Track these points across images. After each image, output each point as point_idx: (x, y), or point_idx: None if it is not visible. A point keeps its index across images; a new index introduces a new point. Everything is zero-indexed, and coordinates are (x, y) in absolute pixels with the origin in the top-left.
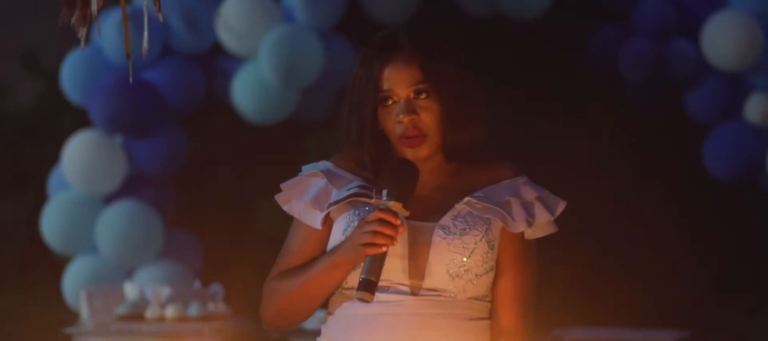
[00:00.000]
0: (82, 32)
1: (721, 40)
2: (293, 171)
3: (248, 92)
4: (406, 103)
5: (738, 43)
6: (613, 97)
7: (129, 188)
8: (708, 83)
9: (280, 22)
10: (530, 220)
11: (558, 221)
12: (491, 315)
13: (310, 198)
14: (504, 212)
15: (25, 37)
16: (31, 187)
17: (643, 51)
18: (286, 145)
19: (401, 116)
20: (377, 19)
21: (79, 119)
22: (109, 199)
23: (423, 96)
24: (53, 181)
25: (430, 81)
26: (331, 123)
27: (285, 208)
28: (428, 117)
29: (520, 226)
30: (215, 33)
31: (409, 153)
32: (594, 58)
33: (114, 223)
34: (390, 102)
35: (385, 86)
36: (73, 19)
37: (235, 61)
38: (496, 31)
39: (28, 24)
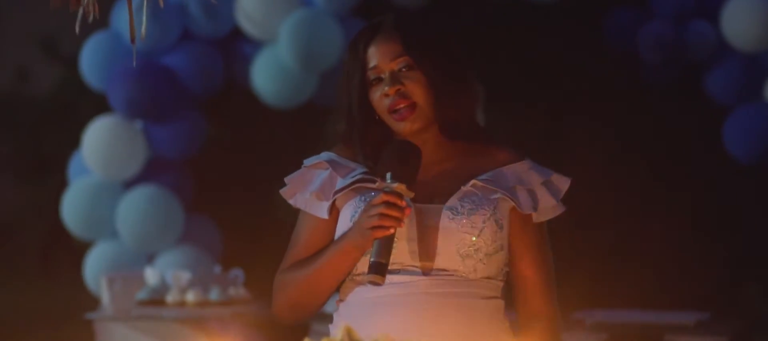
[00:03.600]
0: (82, 14)
1: (741, 21)
2: (312, 155)
3: (267, 76)
4: (391, 75)
5: (757, 25)
6: (632, 79)
7: (149, 173)
8: (728, 65)
9: (299, 5)
10: (535, 206)
11: (577, 204)
12: (517, 301)
13: (315, 189)
14: (510, 197)
15: (44, 23)
16: (51, 173)
17: (662, 33)
18: (305, 129)
19: (387, 88)
20: (395, 2)
21: (99, 105)
22: (129, 184)
23: (407, 69)
24: (73, 166)
25: (411, 52)
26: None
27: (291, 202)
28: (414, 87)
29: (526, 210)
30: (234, 17)
31: (402, 127)
32: (612, 41)
33: (134, 208)
34: (378, 80)
35: (371, 63)
36: (79, 6)
37: (255, 45)
38: (515, 14)
39: (47, 10)
